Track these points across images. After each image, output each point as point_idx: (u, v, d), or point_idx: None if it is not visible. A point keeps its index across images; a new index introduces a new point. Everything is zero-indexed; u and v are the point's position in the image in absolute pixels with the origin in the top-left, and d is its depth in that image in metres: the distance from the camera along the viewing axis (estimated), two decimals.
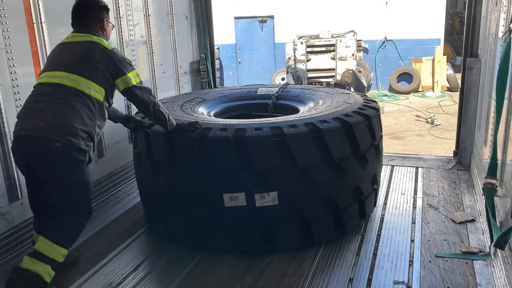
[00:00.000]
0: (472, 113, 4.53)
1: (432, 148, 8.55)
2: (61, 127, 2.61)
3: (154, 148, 3.22)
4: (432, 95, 12.73)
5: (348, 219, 3.33)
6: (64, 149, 2.60)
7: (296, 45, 10.50)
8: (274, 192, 2.98)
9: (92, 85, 2.73)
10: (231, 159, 2.95)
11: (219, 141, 2.96)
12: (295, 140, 2.96)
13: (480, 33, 4.42)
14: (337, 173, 3.12)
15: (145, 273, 3.04)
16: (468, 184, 4.25)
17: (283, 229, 3.15)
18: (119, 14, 4.02)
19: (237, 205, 2.99)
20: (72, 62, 2.74)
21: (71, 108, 2.65)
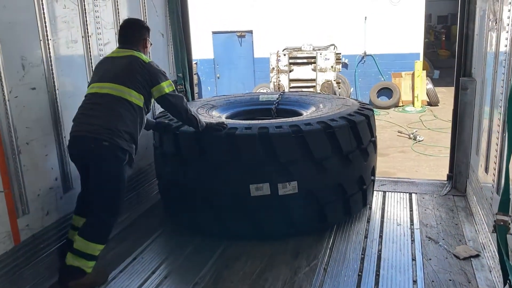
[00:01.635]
0: (467, 135, 4.30)
1: (417, 165, 8.36)
2: (109, 129, 3.07)
3: (184, 147, 3.61)
4: (412, 110, 12.63)
5: (354, 205, 3.84)
6: (109, 147, 3.06)
7: (279, 57, 10.99)
8: (295, 181, 3.42)
9: (133, 93, 3.17)
10: (257, 154, 3.39)
11: (246, 137, 3.41)
12: (311, 135, 3.44)
13: (474, 51, 4.20)
14: (345, 163, 3.65)
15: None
16: (467, 212, 3.99)
17: (302, 214, 3.59)
18: (87, 33, 3.65)
19: (262, 195, 3.39)
20: (117, 74, 3.21)
21: (117, 113, 3.12)
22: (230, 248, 3.51)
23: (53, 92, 3.31)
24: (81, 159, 3.22)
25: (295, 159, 3.44)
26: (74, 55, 3.57)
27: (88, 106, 3.22)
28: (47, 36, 3.23)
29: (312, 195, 3.56)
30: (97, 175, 3.13)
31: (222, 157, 3.47)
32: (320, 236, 3.65)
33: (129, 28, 3.45)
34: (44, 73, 3.22)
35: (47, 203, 3.29)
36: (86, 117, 3.16)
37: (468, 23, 4.27)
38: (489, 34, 3.53)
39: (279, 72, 11.02)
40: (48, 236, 3.31)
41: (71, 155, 3.26)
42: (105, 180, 3.13)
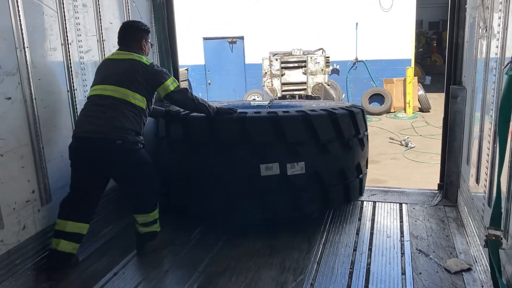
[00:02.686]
0: (458, 144, 4.22)
1: (408, 173, 8.29)
2: (116, 128, 3.24)
3: (194, 133, 3.74)
4: (404, 116, 12.61)
5: (353, 191, 4.10)
6: (123, 144, 3.25)
7: (271, 61, 11.27)
8: (302, 162, 3.60)
9: (136, 96, 3.33)
10: (267, 135, 3.60)
11: (257, 120, 3.62)
12: (317, 119, 3.69)
13: (464, 59, 4.14)
14: (346, 149, 3.91)
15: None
16: (458, 224, 3.90)
17: (308, 196, 3.78)
18: (67, 40, 3.54)
19: (271, 174, 3.55)
20: (120, 78, 3.34)
21: (123, 115, 3.28)
22: (214, 264, 3.39)
23: (30, 102, 3.18)
24: (87, 160, 3.32)
25: (302, 141, 3.65)
26: (53, 63, 3.45)
27: (92, 107, 3.33)
28: (23, 44, 3.11)
29: (317, 177, 3.76)
30: (123, 171, 3.39)
31: (233, 140, 3.64)
32: (307, 249, 3.54)
33: (128, 30, 3.57)
34: (20, 82, 3.10)
35: (23, 217, 3.17)
36: (92, 118, 3.29)
37: (458, 31, 4.20)
38: (479, 41, 3.46)
39: (272, 76, 11.25)
40: (25, 251, 3.18)
41: (74, 155, 3.34)
42: (132, 171, 3.38)
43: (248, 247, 3.62)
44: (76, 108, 3.65)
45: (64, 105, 3.58)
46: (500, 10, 2.80)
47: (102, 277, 3.26)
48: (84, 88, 3.77)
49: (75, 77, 3.64)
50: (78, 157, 3.34)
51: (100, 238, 3.82)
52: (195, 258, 3.48)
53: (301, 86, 11.54)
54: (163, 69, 3.53)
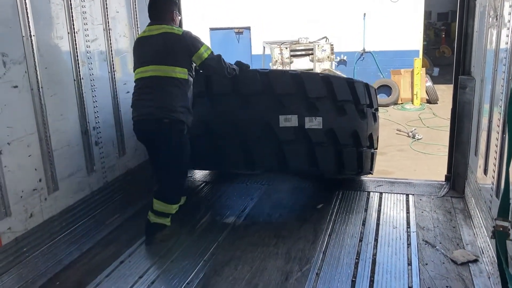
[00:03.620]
0: (466, 135, 4.17)
1: (415, 165, 8.26)
2: (164, 107, 3.35)
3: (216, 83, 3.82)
4: (411, 108, 12.51)
5: (365, 159, 4.21)
6: (170, 124, 3.37)
7: (282, 50, 11.57)
8: (320, 117, 3.72)
9: (177, 69, 3.38)
10: (288, 87, 3.72)
11: (279, 73, 3.88)
12: (336, 80, 3.92)
13: (473, 49, 4.08)
14: (361, 114, 4.03)
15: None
16: (465, 215, 3.87)
17: (323, 152, 3.86)
18: (74, 29, 3.53)
19: (290, 126, 3.68)
20: (156, 55, 3.40)
21: (168, 92, 3.37)
22: (219, 253, 3.40)
23: (37, 90, 3.19)
24: (146, 139, 3.59)
25: (321, 97, 3.75)
26: (59, 52, 3.45)
27: (139, 91, 3.49)
28: (30, 32, 3.11)
29: (333, 134, 3.84)
30: (165, 149, 3.47)
31: (256, 90, 3.73)
32: (313, 239, 3.54)
33: (157, 2, 3.58)
34: (27, 71, 3.10)
35: (30, 205, 3.19)
36: (141, 101, 3.46)
37: (468, 20, 4.14)
38: (489, 31, 3.41)
39: (282, 64, 11.58)
40: (32, 239, 3.20)
41: (138, 137, 3.66)
42: (172, 152, 3.46)
43: (254, 237, 3.62)
44: (83, 96, 3.65)
45: (71, 94, 3.58)
46: None
47: (108, 265, 3.28)
48: (90, 77, 3.76)
49: (81, 66, 3.63)
50: (141, 139, 3.64)
51: (107, 226, 3.84)
52: (201, 248, 3.49)
53: None
54: (197, 37, 3.53)
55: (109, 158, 4.06)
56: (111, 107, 4.08)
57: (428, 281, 2.94)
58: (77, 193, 3.66)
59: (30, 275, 3.11)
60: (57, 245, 3.40)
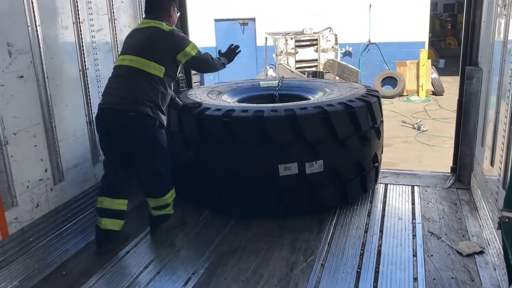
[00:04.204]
0: (472, 127, 4.15)
1: (420, 156, 8.24)
2: (130, 99, 3.23)
3: (210, 132, 3.65)
4: (417, 100, 12.47)
5: (369, 181, 4.05)
6: (137, 116, 3.22)
7: (287, 40, 11.57)
8: (321, 160, 3.58)
9: (152, 64, 3.27)
10: (285, 135, 3.52)
11: (275, 120, 3.51)
12: (336, 116, 3.58)
13: (481, 39, 4.04)
14: (364, 142, 3.83)
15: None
16: (471, 207, 3.86)
17: (326, 192, 3.77)
18: (79, 19, 3.52)
19: (290, 174, 3.55)
20: (137, 47, 3.33)
21: (137, 85, 3.27)
22: (225, 244, 3.41)
23: (43, 80, 3.19)
24: (110, 132, 3.34)
25: (321, 139, 3.60)
26: (64, 42, 3.44)
27: (112, 79, 3.39)
28: (35, 22, 3.10)
29: (335, 173, 3.74)
30: (135, 145, 3.33)
31: (250, 140, 3.57)
32: (318, 230, 3.54)
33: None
34: (32, 60, 3.10)
35: (36, 195, 3.20)
36: (111, 89, 3.34)
37: (475, 11, 4.10)
38: (497, 21, 3.37)
39: (287, 54, 11.64)
40: (39, 229, 3.22)
41: (98, 127, 3.42)
42: (143, 147, 3.34)
43: (259, 227, 3.62)
44: (88, 87, 3.65)
45: (76, 84, 3.58)
46: None
47: (114, 255, 3.30)
48: (96, 68, 3.76)
49: (86, 56, 3.63)
50: (101, 129, 3.39)
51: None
52: (206, 238, 3.50)
53: (312, 63, 11.90)
54: (185, 36, 3.48)
55: None
56: None
57: (433, 272, 2.93)
58: (82, 184, 3.67)
59: (37, 264, 3.13)
60: (63, 235, 3.42)
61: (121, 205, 3.40)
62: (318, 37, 11.72)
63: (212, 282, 2.94)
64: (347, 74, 10.31)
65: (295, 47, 11.74)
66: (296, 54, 11.74)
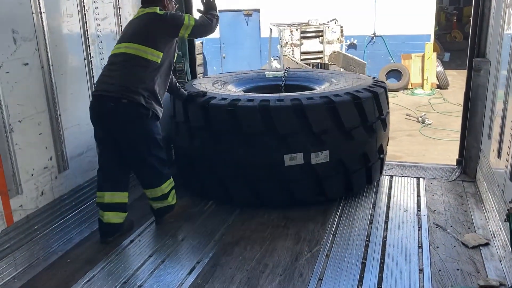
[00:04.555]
0: (479, 119, 4.12)
1: (424, 150, 8.20)
2: (124, 86, 3.15)
3: (215, 121, 3.62)
4: (421, 93, 12.38)
5: (374, 172, 4.02)
6: (129, 105, 3.15)
7: (292, 31, 11.50)
8: (326, 150, 3.55)
9: (149, 50, 3.22)
10: (291, 125, 3.49)
11: (281, 109, 3.47)
12: (342, 106, 3.54)
13: (489, 30, 4.00)
14: (370, 133, 3.79)
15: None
16: (476, 199, 3.84)
17: (332, 183, 3.74)
18: (84, 7, 3.49)
19: (295, 164, 3.51)
20: (133, 33, 3.30)
21: (132, 72, 3.20)
22: (229, 233, 3.41)
23: (47, 68, 3.17)
24: (101, 120, 3.27)
25: (327, 129, 3.56)
26: (69, 30, 3.42)
27: (107, 66, 3.34)
28: (40, 9, 3.08)
29: (341, 164, 3.70)
30: (126, 135, 3.25)
31: (256, 129, 3.52)
32: (323, 221, 3.53)
33: None
34: (37, 48, 3.08)
35: (41, 183, 3.20)
36: (104, 77, 3.28)
37: (484, 1, 4.05)
38: (507, 11, 3.33)
39: (293, 46, 11.60)
40: (43, 217, 3.22)
41: (91, 116, 3.32)
42: (135, 138, 3.26)
43: (263, 217, 3.62)
44: (93, 75, 3.63)
45: (81, 72, 3.56)
46: None
47: (118, 244, 3.31)
48: (100, 56, 3.74)
49: (91, 44, 3.60)
50: (93, 117, 3.30)
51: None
52: (210, 228, 3.50)
53: (317, 55, 11.83)
54: (177, 12, 3.47)
55: None
56: None
57: (438, 263, 2.92)
58: (87, 172, 3.66)
59: (42, 252, 3.14)
60: (67, 223, 3.42)
61: (122, 197, 3.38)
62: (324, 28, 11.64)
63: (216, 271, 2.93)
64: (353, 66, 10.26)
65: (300, 38, 11.66)
66: (301, 45, 11.67)
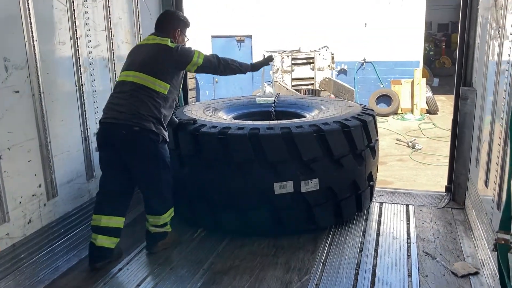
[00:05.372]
0: (467, 146, 4.17)
1: (415, 175, 8.25)
2: (134, 114, 3.20)
3: (206, 149, 3.64)
4: (411, 118, 12.53)
5: (364, 200, 4.02)
6: (140, 132, 3.21)
7: (283, 58, 11.70)
8: (316, 178, 3.56)
9: (157, 82, 3.28)
10: (281, 153, 3.49)
11: (271, 137, 3.48)
12: (331, 134, 3.58)
13: (475, 60, 4.09)
14: (359, 161, 3.81)
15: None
16: (465, 227, 3.86)
17: (322, 211, 3.72)
18: (76, 35, 3.53)
19: (285, 192, 3.51)
20: (142, 63, 3.32)
21: (141, 100, 3.24)
22: (218, 262, 3.37)
23: (38, 96, 3.18)
24: (112, 146, 3.29)
25: (317, 157, 3.57)
26: (61, 57, 3.45)
27: (115, 94, 3.38)
28: (32, 37, 3.11)
29: (331, 192, 3.71)
30: (138, 160, 3.30)
31: (246, 157, 3.53)
32: (313, 249, 3.52)
33: (164, 17, 3.60)
34: (28, 76, 3.10)
35: (29, 211, 3.17)
36: (113, 105, 3.31)
37: (469, 31, 4.15)
38: (491, 43, 3.42)
39: (283, 72, 11.78)
40: (30, 246, 3.18)
41: (100, 142, 3.36)
42: (147, 163, 3.32)
43: (253, 246, 3.60)
44: (84, 102, 3.65)
45: (72, 99, 3.58)
46: None
47: (106, 273, 3.26)
48: (92, 83, 3.77)
49: (83, 71, 3.63)
50: (102, 143, 3.33)
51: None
52: (199, 256, 3.47)
53: (309, 82, 12.00)
54: (187, 48, 3.48)
55: None
56: None
57: None
58: (76, 199, 3.64)
59: (28, 281, 3.09)
60: (55, 252, 3.38)
61: (118, 222, 3.37)
62: (315, 55, 11.83)
63: None
64: (342, 92, 10.39)
65: (292, 65, 11.85)
66: (292, 72, 11.85)
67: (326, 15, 13.03)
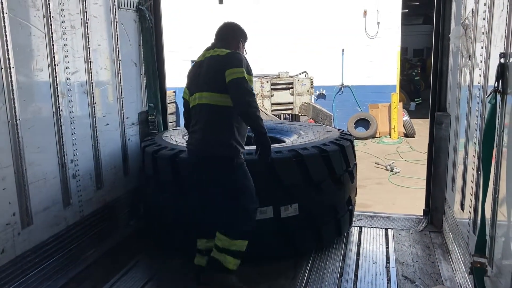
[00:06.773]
0: (443, 170, 4.25)
1: (393, 198, 8.31)
2: (218, 143, 3.13)
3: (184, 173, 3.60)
4: (389, 141, 12.72)
5: (343, 224, 4.07)
6: (228, 160, 3.13)
7: (263, 83, 11.82)
8: (296, 204, 3.59)
9: (222, 96, 3.08)
10: (260, 178, 3.39)
11: (248, 163, 3.32)
12: (310, 159, 3.62)
13: (448, 86, 4.21)
14: (338, 185, 3.86)
15: None
16: (443, 250, 3.90)
17: (301, 236, 3.75)
18: (54, 61, 3.52)
19: (265, 218, 3.53)
20: (203, 81, 3.19)
21: (215, 125, 3.14)
22: None
23: (14, 123, 3.14)
24: (198, 172, 3.29)
25: (296, 183, 3.60)
26: (38, 84, 3.42)
27: (194, 120, 3.31)
28: (9, 64, 3.07)
29: (310, 217, 3.73)
30: (222, 189, 3.26)
31: None
32: (294, 275, 3.50)
33: (224, 27, 3.41)
34: (4, 103, 3.06)
35: (2, 240, 3.08)
36: (193, 133, 3.30)
37: (442, 59, 4.29)
38: (463, 70, 3.53)
39: (263, 97, 11.89)
40: (4, 276, 3.08)
41: (189, 166, 3.37)
42: (230, 191, 3.24)
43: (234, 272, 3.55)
44: (61, 129, 3.60)
45: (49, 126, 3.53)
46: (482, 40, 2.86)
47: None
48: (70, 110, 3.73)
49: (61, 98, 3.60)
50: (191, 168, 3.36)
51: (82, 262, 3.73)
52: (179, 285, 3.42)
53: (288, 106, 12.16)
54: (243, 59, 3.14)
55: (86, 191, 3.98)
56: (90, 140, 4.03)
57: None
58: (52, 227, 3.56)
59: None
60: (29, 282, 3.28)
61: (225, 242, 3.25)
62: (294, 80, 12.01)
63: None
64: (321, 117, 10.51)
65: (271, 90, 12.00)
66: (271, 96, 11.99)
67: (305, 41, 13.27)
